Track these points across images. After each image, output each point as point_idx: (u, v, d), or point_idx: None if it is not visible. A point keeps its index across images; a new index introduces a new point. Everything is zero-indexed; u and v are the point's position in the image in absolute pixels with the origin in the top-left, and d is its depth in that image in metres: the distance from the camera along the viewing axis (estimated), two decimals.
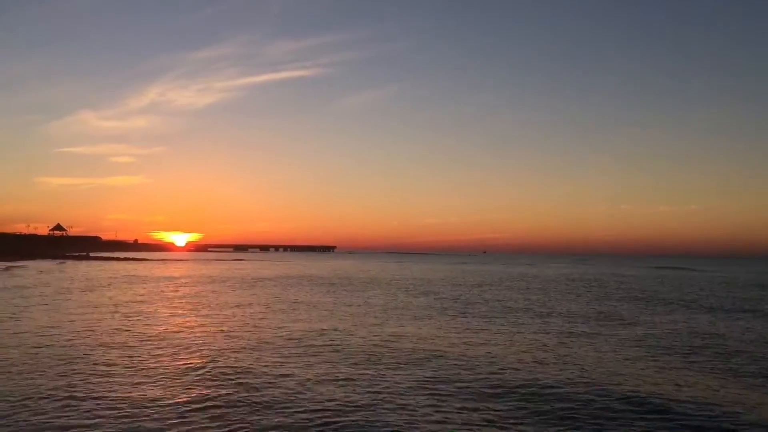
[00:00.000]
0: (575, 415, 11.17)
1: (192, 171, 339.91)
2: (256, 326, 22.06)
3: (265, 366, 14.73)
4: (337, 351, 17.20)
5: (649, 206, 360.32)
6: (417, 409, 11.23)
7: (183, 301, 32.39)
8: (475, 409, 11.35)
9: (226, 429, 9.88)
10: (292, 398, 11.76)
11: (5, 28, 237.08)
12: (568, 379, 13.97)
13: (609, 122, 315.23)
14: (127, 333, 20.16)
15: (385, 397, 11.96)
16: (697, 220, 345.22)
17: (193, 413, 10.73)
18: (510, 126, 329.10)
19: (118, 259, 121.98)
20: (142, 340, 18.54)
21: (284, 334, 20.25)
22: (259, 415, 10.66)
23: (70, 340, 18.39)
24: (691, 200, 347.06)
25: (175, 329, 21.20)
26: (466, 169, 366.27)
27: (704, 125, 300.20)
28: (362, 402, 11.57)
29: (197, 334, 19.94)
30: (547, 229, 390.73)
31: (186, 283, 49.23)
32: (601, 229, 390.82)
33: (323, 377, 13.76)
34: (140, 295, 35.56)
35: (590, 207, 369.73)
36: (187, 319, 24.47)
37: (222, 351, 16.72)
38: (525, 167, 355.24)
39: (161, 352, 16.50)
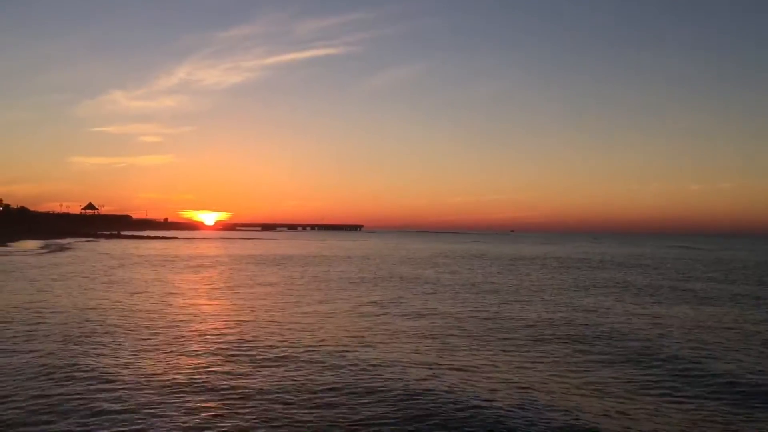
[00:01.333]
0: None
1: (220, 150, 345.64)
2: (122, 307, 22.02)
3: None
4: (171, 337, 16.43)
5: (680, 184, 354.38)
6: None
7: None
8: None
9: None
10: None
11: (37, 8, 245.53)
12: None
13: (639, 99, 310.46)
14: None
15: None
16: (729, 199, 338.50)
17: None
18: (540, 103, 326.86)
19: (148, 237, 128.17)
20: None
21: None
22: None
23: None
24: (722, 178, 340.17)
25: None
26: (494, 147, 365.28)
27: (736, 101, 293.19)
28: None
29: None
30: (577, 207, 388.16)
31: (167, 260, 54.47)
32: (631, 207, 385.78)
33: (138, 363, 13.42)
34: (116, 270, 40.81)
35: (620, 185, 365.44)
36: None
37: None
38: (555, 145, 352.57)
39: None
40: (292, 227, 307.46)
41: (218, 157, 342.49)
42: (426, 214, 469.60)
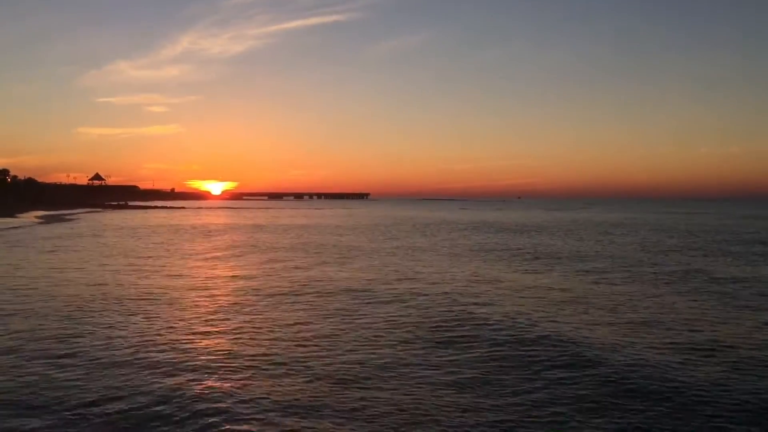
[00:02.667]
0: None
1: (226, 119, 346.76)
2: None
3: None
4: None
5: (689, 149, 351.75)
6: None
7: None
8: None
9: None
10: None
11: None
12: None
13: (646, 65, 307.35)
14: None
15: None
16: (740, 163, 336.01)
17: None
18: (547, 70, 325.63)
19: (155, 207, 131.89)
20: None
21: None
22: None
23: None
24: (733, 142, 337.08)
25: None
26: (502, 114, 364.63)
27: (745, 63, 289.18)
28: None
29: None
30: (586, 173, 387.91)
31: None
32: (639, 172, 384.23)
33: None
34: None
35: (628, 151, 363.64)
36: None
37: None
38: (562, 111, 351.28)
39: None
40: (298, 196, 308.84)
41: (224, 127, 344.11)
42: (433, 181, 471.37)
